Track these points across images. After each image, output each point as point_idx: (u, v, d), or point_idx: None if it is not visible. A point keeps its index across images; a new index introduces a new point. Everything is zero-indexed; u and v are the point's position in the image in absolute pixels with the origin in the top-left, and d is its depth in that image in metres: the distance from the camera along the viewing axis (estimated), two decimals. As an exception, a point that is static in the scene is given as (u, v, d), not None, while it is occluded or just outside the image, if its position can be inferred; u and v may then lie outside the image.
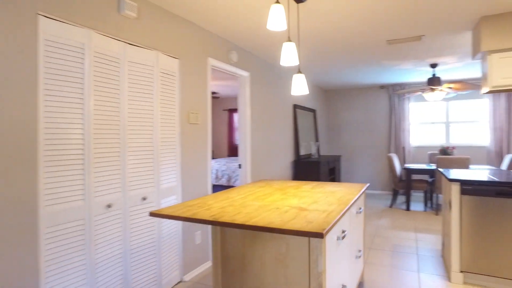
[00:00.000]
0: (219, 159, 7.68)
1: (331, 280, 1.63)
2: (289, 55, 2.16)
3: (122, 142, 2.29)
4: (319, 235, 1.34)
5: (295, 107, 5.54)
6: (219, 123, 9.25)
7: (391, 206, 5.80)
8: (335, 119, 7.53)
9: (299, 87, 2.42)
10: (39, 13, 1.78)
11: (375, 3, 2.69)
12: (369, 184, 2.43)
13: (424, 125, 6.74)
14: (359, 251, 2.42)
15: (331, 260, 1.63)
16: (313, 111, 6.51)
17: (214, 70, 5.24)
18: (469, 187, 2.73)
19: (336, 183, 2.73)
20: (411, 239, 3.98)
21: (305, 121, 5.99)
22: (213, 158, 8.41)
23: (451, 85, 4.76)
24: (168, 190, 2.73)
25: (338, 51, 4.15)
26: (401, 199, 6.53)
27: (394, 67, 5.10)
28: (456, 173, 3.16)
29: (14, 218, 1.67)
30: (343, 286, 1.88)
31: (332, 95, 7.56)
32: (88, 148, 2.04)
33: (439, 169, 3.52)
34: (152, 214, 1.74)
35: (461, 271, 2.77)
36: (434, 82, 4.86)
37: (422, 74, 5.71)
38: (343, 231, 1.86)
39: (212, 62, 3.33)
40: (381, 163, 7.10)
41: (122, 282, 2.28)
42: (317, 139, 6.51)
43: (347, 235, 2.02)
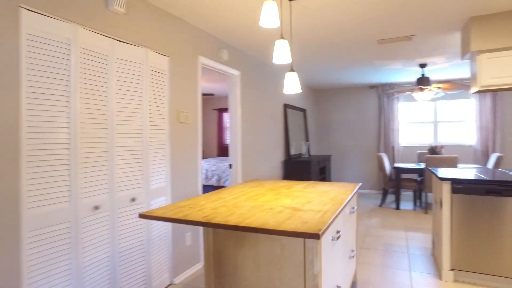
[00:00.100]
0: (208, 159, 7.61)
1: (326, 281, 1.60)
2: (282, 53, 2.13)
3: (110, 142, 2.22)
4: (315, 235, 1.30)
5: (286, 106, 5.52)
6: (208, 122, 9.17)
7: (381, 205, 5.84)
8: (325, 118, 7.55)
9: (292, 85, 2.39)
10: (21, 5, 1.69)
11: (367, 2, 2.68)
12: (361, 184, 2.40)
13: (412, 124, 6.82)
14: (352, 251, 2.41)
15: (326, 261, 1.60)
16: (303, 110, 6.50)
17: (204, 69, 5.17)
18: (459, 186, 2.75)
19: (328, 183, 2.71)
20: (401, 238, 4.00)
21: (295, 120, 5.98)
22: (203, 158, 8.31)
23: (440, 85, 4.82)
24: (158, 190, 2.66)
25: (329, 50, 4.14)
26: (390, 198, 6.59)
27: (384, 67, 5.13)
28: (446, 172, 3.18)
29: (-5, 221, 1.59)
30: (337, 287, 1.85)
31: (322, 94, 7.57)
32: (75, 148, 1.96)
33: (430, 168, 3.54)
34: (142, 216, 1.68)
35: (451, 269, 2.79)
36: (423, 82, 4.91)
37: (411, 74, 5.77)
38: (338, 231, 1.83)
39: (202, 60, 3.27)
40: (370, 163, 7.14)
41: (110, 286, 2.20)
42: (307, 138, 6.51)
43: (341, 235, 2.00)
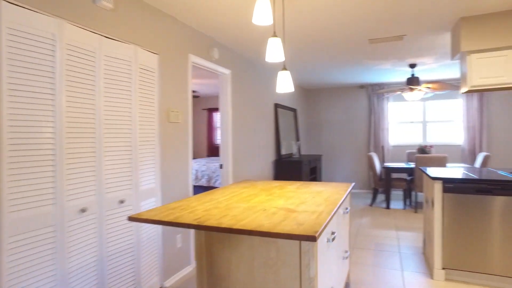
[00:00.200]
0: (198, 159, 7.52)
1: (322, 284, 1.57)
2: (275, 51, 2.09)
3: (98, 141, 2.14)
4: (312, 238, 1.27)
5: (277, 106, 5.49)
6: (198, 122, 9.07)
7: (371, 205, 5.86)
8: (316, 118, 7.55)
9: (285, 84, 2.36)
10: (2, -1, 1.61)
11: (359, 1, 2.66)
12: (354, 183, 2.39)
13: (402, 124, 6.88)
14: (346, 252, 2.39)
15: (321, 263, 1.57)
16: (294, 110, 6.49)
17: (194, 68, 5.10)
18: (451, 185, 2.76)
19: (321, 183, 2.69)
20: (392, 237, 4.01)
21: (286, 120, 5.96)
22: (193, 158, 8.21)
23: (430, 85, 4.86)
24: (147, 192, 2.59)
25: (320, 49, 4.13)
26: (381, 197, 6.63)
27: (375, 67, 5.15)
28: (437, 171, 3.20)
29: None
30: (332, 289, 1.82)
31: (313, 94, 7.57)
32: (60, 148, 1.88)
33: (421, 168, 3.56)
34: (131, 219, 1.61)
35: (443, 268, 2.80)
36: (413, 82, 4.95)
37: (401, 74, 5.81)
38: (333, 233, 1.80)
39: (193, 58, 3.21)
40: (360, 162, 7.18)
41: (98, 291, 2.12)
42: (298, 138, 6.49)
43: (336, 237, 1.97)
